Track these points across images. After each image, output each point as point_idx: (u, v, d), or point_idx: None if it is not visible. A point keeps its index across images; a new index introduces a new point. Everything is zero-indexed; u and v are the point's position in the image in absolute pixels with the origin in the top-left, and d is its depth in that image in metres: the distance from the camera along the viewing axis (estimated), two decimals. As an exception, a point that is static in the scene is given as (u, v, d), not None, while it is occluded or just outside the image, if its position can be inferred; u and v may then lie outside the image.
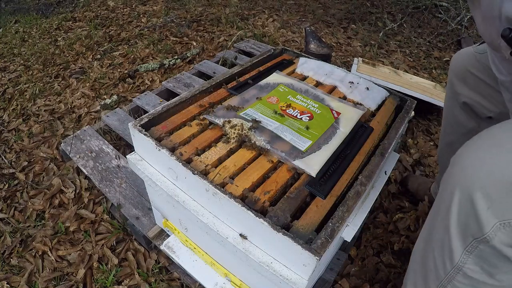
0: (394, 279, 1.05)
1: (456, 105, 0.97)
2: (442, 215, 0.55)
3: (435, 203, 0.61)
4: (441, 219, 0.55)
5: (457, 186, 0.51)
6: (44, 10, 3.17)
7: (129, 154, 0.81)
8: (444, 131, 1.08)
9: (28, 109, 1.79)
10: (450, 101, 1.00)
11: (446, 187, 0.55)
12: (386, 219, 1.23)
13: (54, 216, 1.22)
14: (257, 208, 0.63)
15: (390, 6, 3.10)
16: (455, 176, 0.52)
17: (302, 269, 0.57)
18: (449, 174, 0.56)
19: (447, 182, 0.55)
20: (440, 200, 0.57)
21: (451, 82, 0.97)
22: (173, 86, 1.72)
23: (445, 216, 0.53)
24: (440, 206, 0.57)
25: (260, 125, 0.79)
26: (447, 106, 1.03)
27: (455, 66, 0.95)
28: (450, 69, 0.97)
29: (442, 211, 0.55)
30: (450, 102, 1.00)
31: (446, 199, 0.54)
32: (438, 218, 0.57)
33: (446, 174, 0.57)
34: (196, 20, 2.73)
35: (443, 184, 0.58)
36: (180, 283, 1.02)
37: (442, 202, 0.56)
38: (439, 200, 0.58)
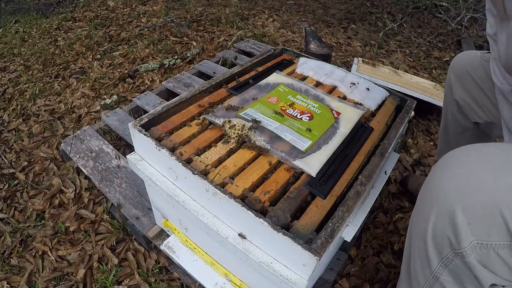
0: (394, 279, 1.05)
1: (452, 103, 0.97)
2: (420, 223, 0.54)
3: (415, 207, 0.60)
4: (419, 226, 0.54)
5: (437, 197, 0.50)
6: (44, 10, 3.17)
7: (129, 154, 0.81)
8: (441, 129, 1.08)
9: (28, 109, 1.79)
10: (447, 98, 1.00)
11: (425, 194, 0.55)
12: (386, 219, 1.23)
13: (54, 216, 1.22)
14: (257, 208, 0.63)
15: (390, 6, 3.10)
16: (437, 186, 0.51)
17: (302, 269, 0.57)
18: (429, 181, 0.55)
19: (426, 190, 0.54)
20: (419, 206, 0.57)
21: (449, 79, 0.97)
22: (173, 86, 1.72)
23: (423, 224, 0.53)
24: (419, 213, 0.56)
25: (260, 125, 0.79)
26: (445, 103, 1.03)
27: (456, 65, 0.95)
28: (451, 67, 0.97)
29: (421, 218, 0.54)
30: (447, 99, 1.01)
31: (424, 208, 0.53)
32: (417, 224, 0.56)
33: (428, 181, 0.56)
34: (196, 20, 2.73)
35: (423, 190, 0.57)
36: (180, 283, 1.02)
37: (420, 209, 0.55)
38: (418, 206, 0.58)
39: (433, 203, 0.51)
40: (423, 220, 0.53)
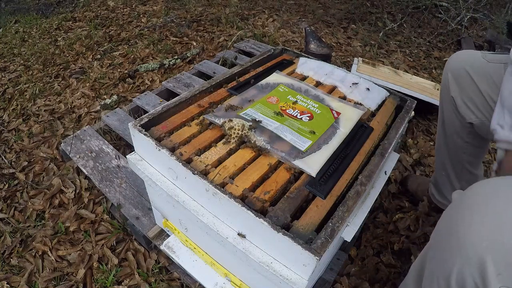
0: (394, 279, 1.05)
1: (448, 101, 0.97)
2: (443, 262, 0.53)
3: (436, 236, 0.58)
4: (441, 265, 0.54)
5: (465, 244, 0.49)
6: (44, 10, 3.17)
7: (129, 154, 0.81)
8: (439, 128, 1.08)
9: (28, 109, 1.79)
10: (443, 96, 1.00)
11: (450, 233, 0.53)
12: (386, 219, 1.23)
13: (54, 216, 1.22)
14: (257, 208, 0.63)
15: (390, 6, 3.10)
16: (465, 232, 0.50)
17: (302, 269, 0.57)
18: (455, 222, 0.53)
19: (452, 229, 0.53)
20: (443, 241, 0.55)
21: (446, 78, 0.97)
22: (173, 86, 1.72)
23: (446, 264, 0.52)
24: (443, 248, 0.54)
25: (260, 125, 0.79)
26: (441, 102, 1.03)
27: (453, 63, 0.95)
28: (447, 65, 0.97)
29: (445, 255, 0.53)
30: (443, 97, 1.00)
31: (451, 247, 0.52)
32: (438, 261, 0.55)
33: (450, 217, 0.55)
34: (196, 20, 2.73)
35: (449, 231, 0.54)
36: (180, 283, 1.02)
37: (444, 247, 0.54)
38: (441, 240, 0.56)
39: (461, 249, 0.49)
40: (447, 261, 0.52)
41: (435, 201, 1.21)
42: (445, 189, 1.14)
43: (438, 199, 1.19)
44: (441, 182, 1.14)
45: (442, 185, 1.14)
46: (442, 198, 1.18)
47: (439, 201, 1.19)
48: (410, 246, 1.15)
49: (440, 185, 1.15)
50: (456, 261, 0.50)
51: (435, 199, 1.21)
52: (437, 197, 1.19)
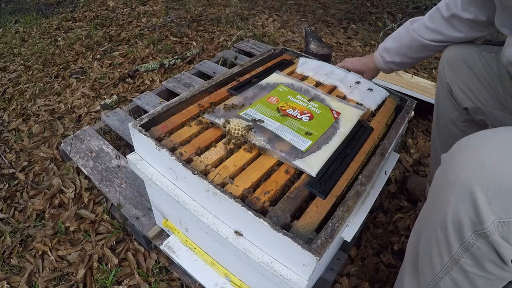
0: (394, 279, 1.05)
1: (443, 88, 0.99)
2: (438, 211, 0.56)
3: (428, 199, 0.61)
4: (437, 215, 0.56)
5: (456, 182, 0.52)
6: (44, 10, 3.17)
7: (129, 154, 0.81)
8: (434, 120, 1.10)
9: (28, 109, 1.79)
10: (439, 85, 1.02)
11: (441, 183, 0.56)
12: (386, 219, 1.23)
13: (54, 216, 1.22)
14: (257, 208, 0.63)
15: (390, 6, 3.10)
16: (453, 172, 0.53)
17: (302, 269, 0.57)
18: (445, 170, 0.56)
19: (443, 179, 0.56)
20: (435, 196, 0.58)
21: (441, 67, 0.99)
22: (173, 86, 1.72)
23: (441, 212, 0.54)
24: (435, 203, 0.57)
25: (260, 125, 0.79)
26: (437, 91, 1.05)
27: (448, 53, 0.97)
28: (442, 56, 0.99)
29: (438, 207, 0.56)
30: (439, 86, 1.02)
31: (442, 195, 0.55)
32: (433, 214, 0.58)
33: (440, 171, 0.58)
34: (196, 20, 2.73)
35: (437, 180, 0.58)
36: (180, 283, 1.02)
37: (437, 199, 0.57)
38: (433, 196, 0.59)
39: (452, 188, 0.52)
40: (441, 207, 0.54)
41: None
42: None
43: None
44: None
45: None
46: None
47: None
48: (410, 246, 1.15)
49: None
50: (450, 202, 0.52)
51: None
52: None
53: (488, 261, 0.51)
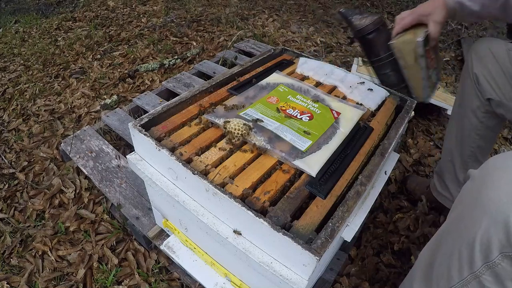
0: (394, 279, 1.05)
1: (470, 77, 1.00)
2: (466, 230, 0.56)
3: (455, 214, 0.62)
4: (464, 233, 0.57)
5: (490, 205, 0.52)
6: (44, 10, 3.17)
7: (129, 154, 0.81)
8: (454, 109, 1.11)
9: (28, 109, 1.79)
10: (464, 74, 1.03)
11: (473, 202, 0.56)
12: (386, 219, 1.23)
13: (54, 216, 1.22)
14: (257, 208, 0.63)
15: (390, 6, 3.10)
16: (488, 193, 0.54)
17: (302, 269, 0.57)
18: (478, 189, 0.56)
19: (475, 198, 0.56)
20: (464, 213, 0.59)
21: (469, 57, 1.00)
22: (173, 86, 1.72)
23: (470, 231, 0.55)
24: (464, 220, 0.58)
25: (260, 125, 0.79)
26: (462, 80, 1.06)
27: (478, 45, 0.98)
28: (472, 48, 1.00)
29: (466, 225, 0.56)
30: (464, 75, 1.03)
31: (474, 215, 0.55)
32: (459, 231, 0.58)
33: (472, 188, 0.59)
34: (196, 20, 2.73)
35: (468, 197, 0.59)
36: (180, 283, 1.02)
37: (467, 216, 0.57)
38: (462, 213, 0.60)
39: (485, 210, 0.53)
40: (471, 226, 0.55)
41: (434, 194, 1.22)
42: (448, 178, 1.14)
43: (439, 190, 1.19)
44: (445, 170, 1.15)
45: (447, 173, 1.15)
46: (443, 189, 1.18)
47: (439, 193, 1.19)
48: (410, 246, 1.15)
49: (444, 173, 1.16)
50: (481, 225, 0.53)
51: (435, 192, 1.21)
52: (438, 188, 1.19)
53: (510, 280, 0.53)
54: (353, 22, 1.04)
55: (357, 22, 1.05)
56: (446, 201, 1.19)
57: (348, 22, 1.10)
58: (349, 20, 1.07)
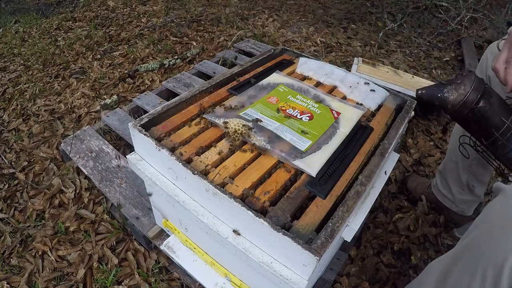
0: (394, 279, 1.05)
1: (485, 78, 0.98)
2: (495, 250, 0.56)
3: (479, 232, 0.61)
4: (493, 253, 0.56)
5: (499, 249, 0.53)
6: (44, 10, 3.17)
7: (129, 154, 0.81)
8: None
9: (28, 109, 1.79)
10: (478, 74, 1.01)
11: (505, 221, 0.56)
12: (386, 219, 1.23)
13: (54, 216, 1.22)
14: (257, 208, 0.63)
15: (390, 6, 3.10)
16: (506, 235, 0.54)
17: (302, 269, 0.57)
18: (509, 211, 0.56)
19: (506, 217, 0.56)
20: (493, 230, 0.58)
21: (484, 58, 0.99)
22: (173, 86, 1.72)
23: (500, 252, 0.55)
24: (492, 239, 0.57)
25: (260, 125, 0.79)
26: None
27: (494, 47, 0.96)
28: (488, 48, 0.99)
29: (496, 245, 0.56)
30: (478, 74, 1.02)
31: (505, 236, 0.55)
32: (487, 250, 0.58)
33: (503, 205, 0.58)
34: (196, 20, 2.73)
35: (498, 214, 0.58)
36: (180, 283, 1.02)
37: (497, 234, 0.57)
38: (490, 230, 0.59)
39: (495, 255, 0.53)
40: (502, 247, 0.54)
41: (436, 193, 1.21)
42: (451, 178, 1.14)
43: (441, 189, 1.19)
44: (448, 170, 1.15)
45: (450, 173, 1.14)
46: (445, 189, 1.18)
47: (440, 193, 1.19)
48: (410, 246, 1.15)
49: (447, 172, 1.16)
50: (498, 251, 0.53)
51: (436, 191, 1.21)
52: (440, 188, 1.19)
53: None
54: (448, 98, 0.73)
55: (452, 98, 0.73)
56: (446, 201, 1.19)
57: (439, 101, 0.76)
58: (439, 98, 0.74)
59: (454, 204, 1.17)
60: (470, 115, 0.72)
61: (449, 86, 0.72)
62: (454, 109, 0.72)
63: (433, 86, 0.75)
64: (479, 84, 0.71)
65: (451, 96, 0.71)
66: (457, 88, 0.71)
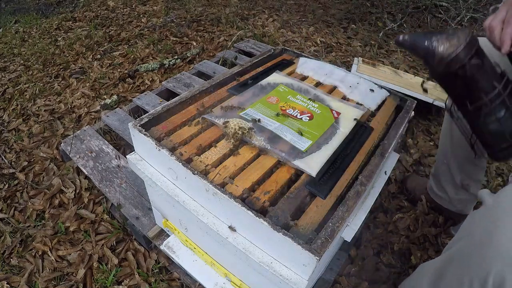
0: (394, 279, 1.05)
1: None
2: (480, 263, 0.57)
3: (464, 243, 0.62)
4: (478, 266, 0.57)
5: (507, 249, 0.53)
6: (44, 10, 3.17)
7: (129, 154, 0.81)
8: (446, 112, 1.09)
9: (28, 109, 1.79)
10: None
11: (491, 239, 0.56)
12: (386, 219, 1.23)
13: (54, 216, 1.22)
14: (257, 208, 0.63)
15: (390, 6, 3.10)
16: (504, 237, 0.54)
17: (302, 269, 0.57)
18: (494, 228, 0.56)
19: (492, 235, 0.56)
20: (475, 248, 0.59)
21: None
22: (173, 86, 1.72)
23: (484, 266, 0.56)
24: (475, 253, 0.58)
25: (260, 125, 0.79)
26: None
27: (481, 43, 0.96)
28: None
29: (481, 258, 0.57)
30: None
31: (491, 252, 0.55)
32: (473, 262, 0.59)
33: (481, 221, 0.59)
34: (196, 20, 2.73)
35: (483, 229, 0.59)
36: (180, 283, 1.02)
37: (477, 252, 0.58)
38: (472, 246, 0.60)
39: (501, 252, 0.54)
40: (483, 262, 0.56)
41: (432, 196, 1.22)
42: (444, 180, 1.14)
43: (436, 192, 1.19)
44: (441, 172, 1.15)
45: (442, 175, 1.14)
46: (440, 191, 1.18)
47: (436, 195, 1.20)
48: (410, 246, 1.15)
49: (440, 175, 1.16)
50: (495, 264, 0.54)
51: (432, 193, 1.21)
52: (435, 190, 1.19)
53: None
54: (436, 48, 0.62)
55: (442, 49, 0.63)
56: (443, 202, 1.19)
57: (424, 51, 0.65)
58: (426, 47, 0.64)
59: (452, 204, 1.17)
60: (460, 72, 0.62)
61: (439, 35, 0.62)
62: (441, 62, 0.62)
63: (421, 33, 0.65)
64: (474, 39, 0.62)
65: (441, 47, 0.61)
66: (450, 39, 0.61)
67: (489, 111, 0.64)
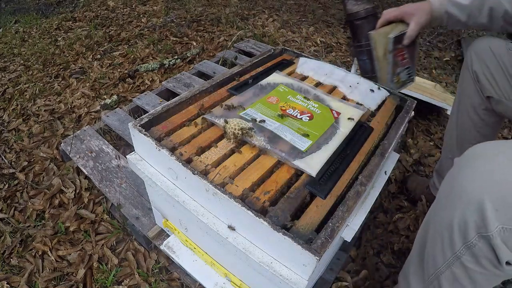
0: (394, 279, 1.05)
1: (470, 75, 1.01)
2: (446, 213, 0.60)
3: (438, 198, 0.66)
4: (444, 216, 0.60)
5: (466, 190, 0.56)
6: (44, 10, 3.17)
7: (129, 154, 0.81)
8: (453, 108, 1.11)
9: (28, 109, 1.79)
10: (464, 72, 1.03)
11: (452, 187, 0.60)
12: (386, 219, 1.23)
13: (54, 216, 1.22)
14: (257, 208, 0.63)
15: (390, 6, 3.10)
16: (465, 180, 0.57)
17: (302, 269, 0.57)
18: (456, 176, 0.60)
19: (454, 183, 0.60)
20: (445, 197, 0.62)
21: (468, 56, 1.00)
22: (173, 86, 1.72)
23: (449, 214, 0.59)
24: (444, 204, 0.62)
25: (260, 125, 0.79)
26: (461, 78, 1.06)
27: (478, 43, 0.99)
28: (472, 45, 1.00)
29: (446, 208, 0.60)
30: (464, 73, 1.04)
31: (452, 199, 0.59)
32: (441, 214, 0.62)
33: (452, 175, 0.62)
34: (196, 20, 2.73)
35: (449, 183, 0.62)
36: (180, 283, 1.02)
37: (446, 200, 0.61)
38: (443, 197, 0.63)
39: (462, 195, 0.56)
40: (450, 209, 0.59)
41: (434, 192, 1.22)
42: None
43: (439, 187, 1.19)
44: (446, 168, 1.15)
45: (447, 170, 1.14)
46: None
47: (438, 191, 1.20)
48: (410, 246, 1.14)
49: (444, 171, 1.16)
50: (457, 208, 0.57)
51: (434, 190, 1.21)
52: (438, 186, 1.19)
53: (486, 260, 0.57)
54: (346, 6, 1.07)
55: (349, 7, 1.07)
56: None
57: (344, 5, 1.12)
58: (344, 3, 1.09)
59: None
60: (351, 24, 1.02)
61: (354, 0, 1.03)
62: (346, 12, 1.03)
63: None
64: (368, 12, 1.02)
65: (348, 6, 1.01)
66: (355, 4, 1.01)
67: (357, 52, 1.04)
